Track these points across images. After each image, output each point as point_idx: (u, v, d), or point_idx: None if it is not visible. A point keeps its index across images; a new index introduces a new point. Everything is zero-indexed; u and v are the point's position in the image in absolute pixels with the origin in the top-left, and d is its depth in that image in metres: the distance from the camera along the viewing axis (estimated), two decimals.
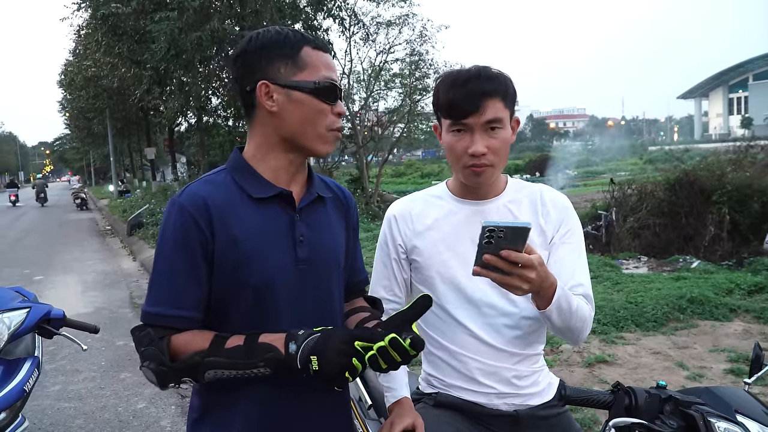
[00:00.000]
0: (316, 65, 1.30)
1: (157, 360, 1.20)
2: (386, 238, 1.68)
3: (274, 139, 1.32)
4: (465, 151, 1.49)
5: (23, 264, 11.30)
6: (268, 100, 1.29)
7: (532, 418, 1.57)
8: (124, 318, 6.82)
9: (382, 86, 22.21)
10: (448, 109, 1.50)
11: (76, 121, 37.58)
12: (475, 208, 1.60)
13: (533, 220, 1.58)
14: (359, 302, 1.53)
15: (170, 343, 1.23)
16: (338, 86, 1.32)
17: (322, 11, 14.80)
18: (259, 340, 1.20)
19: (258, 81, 1.28)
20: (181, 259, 1.24)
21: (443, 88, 1.52)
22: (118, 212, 20.09)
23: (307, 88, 1.28)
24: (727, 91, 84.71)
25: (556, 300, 1.35)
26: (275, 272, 1.28)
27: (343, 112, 1.34)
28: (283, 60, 1.28)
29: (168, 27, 11.93)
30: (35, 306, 2.51)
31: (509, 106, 1.51)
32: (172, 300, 1.25)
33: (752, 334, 4.85)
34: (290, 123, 1.29)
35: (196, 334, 1.25)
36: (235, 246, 1.26)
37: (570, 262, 1.55)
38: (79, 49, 24.57)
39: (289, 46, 1.29)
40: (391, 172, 43.57)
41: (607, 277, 7.24)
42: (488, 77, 1.48)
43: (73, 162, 75.87)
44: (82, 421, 4.10)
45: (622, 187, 12.08)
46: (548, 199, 1.60)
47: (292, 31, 1.32)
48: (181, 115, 22.69)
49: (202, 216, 1.25)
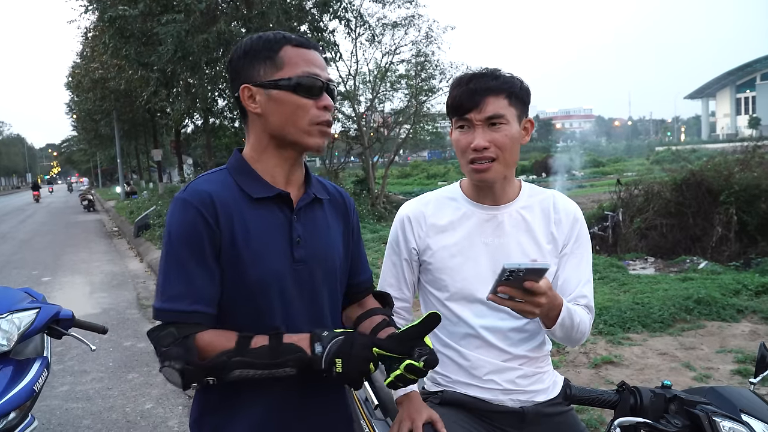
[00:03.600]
0: (295, 62, 1.31)
1: (183, 359, 1.19)
2: (398, 239, 1.69)
3: (265, 139, 1.35)
4: (468, 146, 1.52)
5: (31, 265, 11.37)
6: (251, 103, 1.32)
7: (538, 415, 1.58)
8: (132, 319, 6.85)
9: (388, 87, 22.24)
10: (453, 106, 1.55)
11: (83, 123, 37.73)
12: (489, 212, 1.61)
13: (544, 226, 1.60)
14: (370, 302, 1.54)
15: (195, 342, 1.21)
16: (321, 80, 1.32)
17: (328, 13, 14.80)
18: (284, 340, 1.22)
19: (240, 85, 1.32)
20: (193, 254, 1.25)
21: (452, 90, 1.57)
22: (125, 213, 20.15)
23: (285, 86, 1.30)
24: (735, 91, 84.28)
25: (560, 320, 1.43)
26: (272, 272, 1.31)
27: (329, 106, 1.33)
28: (262, 62, 1.31)
29: (175, 29, 11.97)
30: (45, 306, 2.53)
31: (515, 105, 1.53)
32: (189, 296, 1.24)
33: (760, 335, 4.83)
34: (273, 121, 1.32)
35: (219, 333, 1.25)
36: (234, 244, 1.28)
37: (576, 275, 1.60)
38: (87, 52, 24.70)
39: (268, 47, 1.31)
40: (397, 173, 43.59)
41: (613, 278, 7.22)
42: (492, 76, 1.52)
43: (80, 164, 76.16)
44: (90, 421, 4.12)
45: (628, 187, 12.05)
46: (561, 208, 1.62)
47: (273, 34, 1.34)
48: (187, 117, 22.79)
49: (208, 211, 1.26)
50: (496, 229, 1.59)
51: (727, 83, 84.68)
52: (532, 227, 1.59)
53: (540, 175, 35.81)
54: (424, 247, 1.64)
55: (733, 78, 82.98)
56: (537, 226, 1.59)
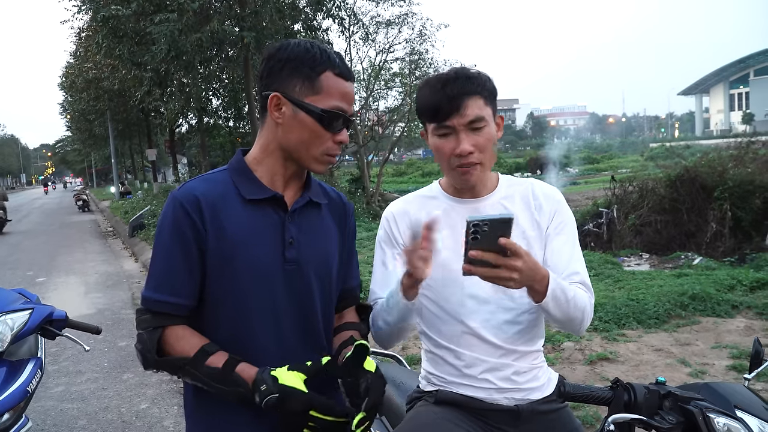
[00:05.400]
0: (332, 93, 1.34)
1: (146, 347, 1.31)
2: (385, 237, 1.69)
3: (274, 145, 1.38)
4: (452, 152, 1.50)
5: (26, 266, 11.33)
6: (275, 111, 1.34)
7: (533, 412, 1.57)
8: (127, 319, 6.83)
9: (382, 86, 22.24)
10: (431, 112, 1.52)
11: (77, 123, 37.55)
12: (470, 206, 1.61)
13: (527, 213, 1.59)
14: (349, 315, 1.58)
15: (163, 336, 1.32)
16: (347, 117, 1.36)
17: (322, 11, 14.76)
18: (236, 369, 1.28)
19: (273, 91, 1.34)
20: (177, 248, 1.32)
21: (424, 94, 1.54)
22: (119, 213, 20.11)
23: (313, 113, 1.32)
24: (728, 87, 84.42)
25: (551, 291, 1.38)
26: (262, 270, 1.34)
27: (344, 141, 1.38)
28: (301, 78, 1.33)
29: (168, 29, 11.91)
30: (38, 307, 2.52)
31: (490, 104, 1.52)
32: (169, 287, 1.33)
33: (754, 330, 4.85)
34: (290, 138, 1.35)
35: (188, 335, 1.33)
36: (223, 238, 1.32)
37: (565, 252, 1.58)
38: (80, 52, 24.59)
39: (311, 66, 1.33)
40: (392, 172, 43.57)
41: (608, 274, 7.24)
42: (466, 77, 1.50)
43: (74, 164, 75.93)
44: (85, 421, 4.11)
45: (623, 184, 12.07)
46: (540, 193, 1.62)
47: (321, 52, 1.35)
48: (181, 117, 22.77)
49: (194, 209, 1.32)
50: None
51: (721, 79, 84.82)
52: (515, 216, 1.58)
53: (534, 172, 35.87)
54: None
55: (726, 74, 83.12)
56: (519, 215, 1.57)
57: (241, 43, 13.09)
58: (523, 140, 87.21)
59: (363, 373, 1.31)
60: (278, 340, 1.37)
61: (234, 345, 1.32)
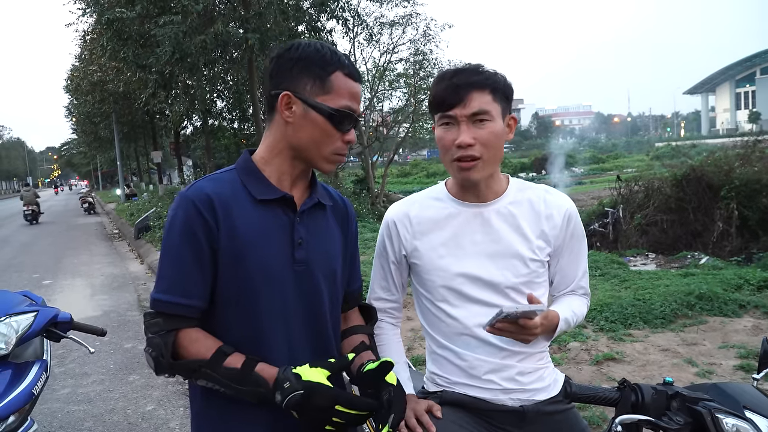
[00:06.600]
0: (342, 93, 1.35)
1: (159, 351, 1.28)
2: (384, 242, 1.68)
3: (283, 144, 1.38)
4: (452, 143, 1.49)
5: (32, 268, 11.36)
6: (286, 110, 1.35)
7: (538, 413, 1.56)
8: (133, 321, 6.85)
9: (387, 86, 22.27)
10: (436, 102, 1.52)
11: (82, 126, 37.72)
12: (475, 210, 1.58)
13: (535, 222, 1.58)
14: (354, 317, 1.59)
15: (177, 339, 1.30)
16: (356, 117, 1.37)
17: (326, 12, 14.77)
18: (255, 369, 1.26)
19: (283, 90, 1.34)
20: (188, 248, 1.30)
21: (435, 84, 1.55)
22: (125, 216, 20.15)
23: (324, 112, 1.33)
24: (734, 86, 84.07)
25: (558, 332, 1.50)
26: (272, 270, 1.34)
27: (352, 141, 1.39)
28: (312, 77, 1.33)
29: (172, 31, 11.95)
30: (42, 310, 2.52)
31: (499, 101, 1.50)
32: (181, 288, 1.31)
33: (762, 329, 4.81)
34: (300, 137, 1.35)
35: (202, 337, 1.31)
36: (235, 237, 1.31)
37: (573, 269, 1.63)
38: (85, 54, 24.72)
39: (322, 66, 1.33)
40: (396, 172, 43.62)
41: (614, 274, 7.21)
42: (475, 71, 1.50)
43: (80, 166, 76.24)
44: (92, 423, 4.11)
45: (628, 183, 12.03)
46: (552, 203, 1.60)
47: (330, 52, 1.36)
48: (186, 119, 22.84)
49: (206, 208, 1.30)
50: (483, 227, 1.57)
51: (727, 78, 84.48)
52: (521, 223, 1.56)
53: (539, 172, 35.80)
54: (411, 249, 1.62)
55: (732, 72, 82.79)
56: (526, 222, 1.56)
57: (246, 44, 13.13)
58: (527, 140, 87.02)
59: (385, 386, 1.31)
60: (288, 341, 1.37)
61: (245, 346, 1.31)
